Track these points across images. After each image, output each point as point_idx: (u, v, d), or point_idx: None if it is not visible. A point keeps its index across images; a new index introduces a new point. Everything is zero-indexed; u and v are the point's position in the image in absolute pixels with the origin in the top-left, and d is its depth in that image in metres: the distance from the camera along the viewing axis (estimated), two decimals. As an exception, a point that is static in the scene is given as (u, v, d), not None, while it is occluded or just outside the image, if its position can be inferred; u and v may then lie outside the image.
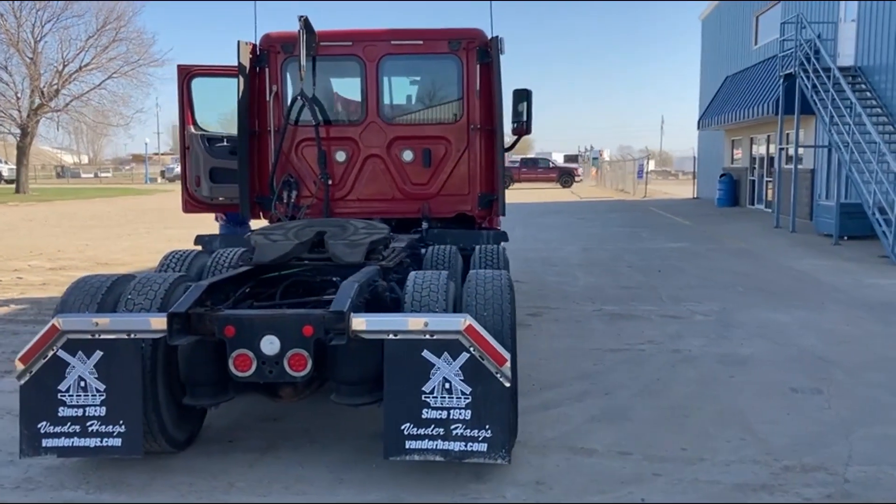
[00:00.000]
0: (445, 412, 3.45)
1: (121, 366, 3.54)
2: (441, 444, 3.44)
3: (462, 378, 3.44)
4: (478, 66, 6.54)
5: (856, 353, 6.17)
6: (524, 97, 6.84)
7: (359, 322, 3.49)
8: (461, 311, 3.79)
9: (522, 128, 6.87)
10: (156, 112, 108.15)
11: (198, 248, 5.86)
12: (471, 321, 3.43)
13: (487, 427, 3.44)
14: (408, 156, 6.70)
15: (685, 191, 35.45)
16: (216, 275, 4.89)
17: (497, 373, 3.43)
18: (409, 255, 5.54)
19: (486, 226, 7.06)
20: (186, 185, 7.28)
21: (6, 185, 44.70)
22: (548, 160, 50.45)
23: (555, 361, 5.94)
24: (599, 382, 5.39)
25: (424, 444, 3.44)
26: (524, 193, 31.53)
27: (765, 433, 4.37)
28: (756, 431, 4.39)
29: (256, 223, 6.90)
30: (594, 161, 56.05)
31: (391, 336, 3.48)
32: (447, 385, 3.44)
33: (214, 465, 3.92)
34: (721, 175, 25.19)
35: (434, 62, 6.81)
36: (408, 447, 3.45)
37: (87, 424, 3.54)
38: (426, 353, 3.44)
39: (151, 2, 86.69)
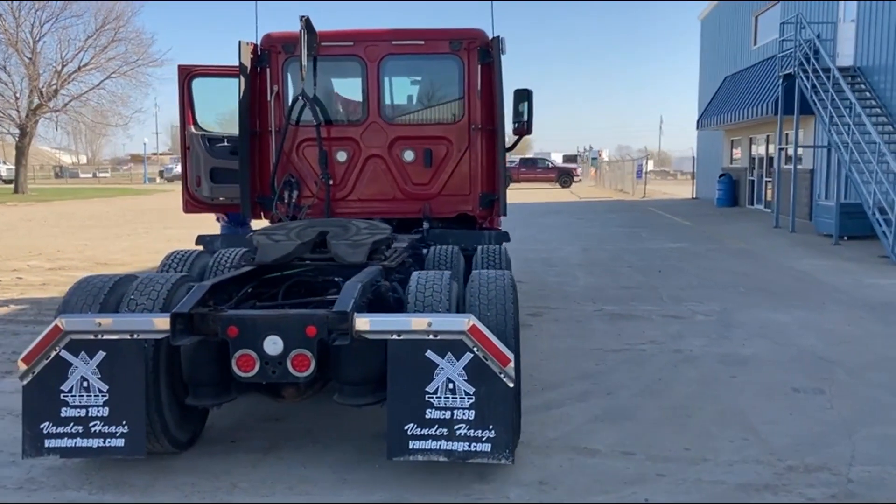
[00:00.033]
0: (449, 412, 3.44)
1: (124, 366, 3.54)
2: (445, 445, 3.44)
3: (466, 378, 3.44)
4: (479, 67, 6.53)
5: (857, 353, 6.17)
6: (525, 97, 6.84)
7: (362, 322, 3.49)
8: (464, 312, 3.79)
9: (523, 128, 6.88)
10: (154, 112, 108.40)
11: (199, 249, 5.86)
12: (474, 321, 3.43)
13: (491, 427, 3.43)
14: (409, 156, 6.70)
15: (684, 191, 35.47)
16: (218, 275, 4.89)
17: (501, 373, 3.42)
18: (411, 256, 5.53)
19: (487, 226, 7.06)
20: (187, 186, 7.27)
21: (5, 186, 44.71)
22: (547, 160, 50.45)
23: (556, 361, 5.94)
24: (601, 382, 5.40)
25: (428, 445, 3.44)
26: (523, 194, 31.52)
27: (767, 433, 4.37)
28: (758, 431, 4.40)
29: (257, 223, 6.90)
30: (593, 161, 56.01)
31: (395, 336, 3.47)
32: (451, 385, 3.44)
33: (217, 466, 3.91)
34: (720, 175, 25.21)
35: (435, 62, 6.81)
36: (411, 447, 3.44)
37: (90, 425, 3.53)
38: (430, 354, 3.44)
39: (150, 2, 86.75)
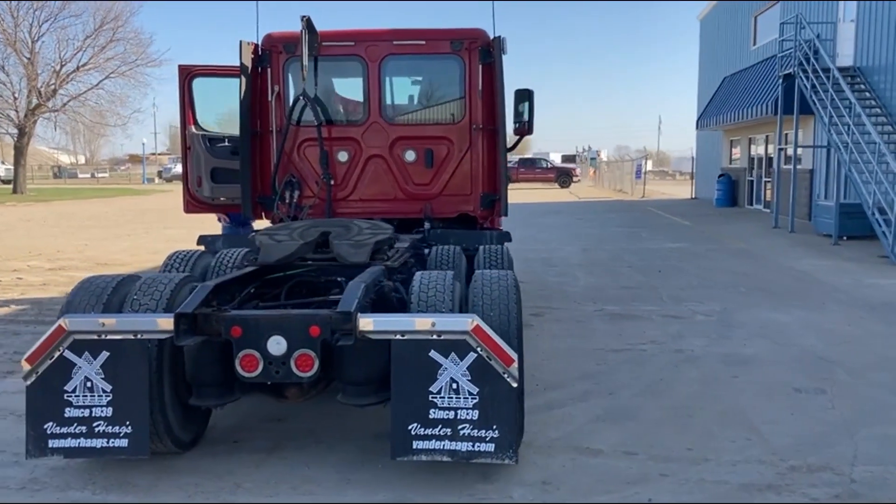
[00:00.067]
0: (453, 412, 3.44)
1: (127, 366, 3.54)
2: (448, 445, 3.44)
3: (469, 378, 3.44)
4: (480, 66, 6.53)
5: (858, 353, 6.18)
6: (526, 97, 6.84)
7: (366, 322, 3.49)
8: (467, 312, 3.79)
9: (524, 128, 6.88)
10: (153, 112, 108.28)
11: (201, 249, 5.86)
12: (478, 321, 3.43)
13: (495, 427, 3.44)
14: (410, 156, 6.70)
15: (683, 191, 35.49)
16: (221, 275, 4.89)
17: (504, 373, 3.42)
18: (413, 256, 5.53)
19: (488, 226, 7.06)
20: (188, 186, 7.27)
21: (3, 186, 44.62)
22: (546, 160, 50.45)
23: (557, 361, 5.94)
24: (602, 382, 5.40)
25: (432, 445, 3.44)
26: (523, 194, 31.52)
27: (769, 433, 4.37)
28: (760, 431, 4.40)
29: (258, 223, 6.91)
30: (592, 161, 55.97)
31: (398, 336, 3.47)
32: (454, 385, 3.44)
33: (220, 466, 3.91)
34: (719, 175, 25.23)
35: (436, 62, 6.81)
36: (415, 447, 3.44)
37: (94, 425, 3.53)
38: (433, 354, 3.44)
39: (149, 2, 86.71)
